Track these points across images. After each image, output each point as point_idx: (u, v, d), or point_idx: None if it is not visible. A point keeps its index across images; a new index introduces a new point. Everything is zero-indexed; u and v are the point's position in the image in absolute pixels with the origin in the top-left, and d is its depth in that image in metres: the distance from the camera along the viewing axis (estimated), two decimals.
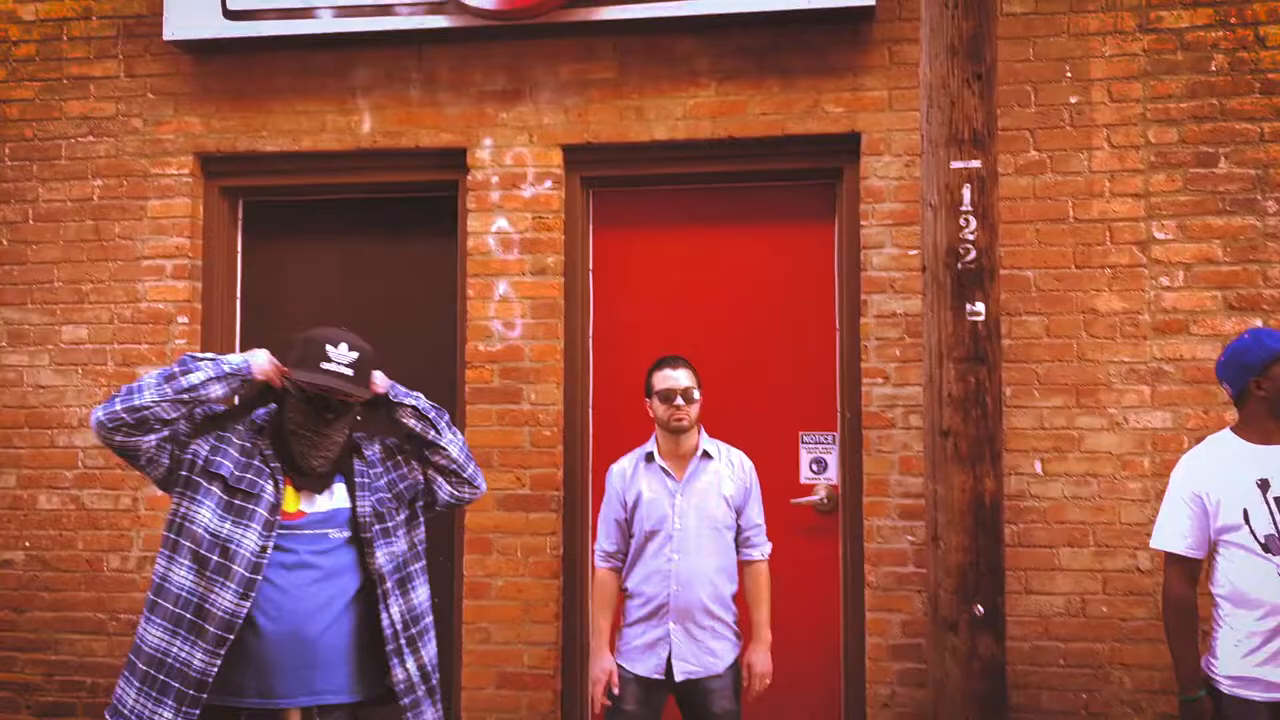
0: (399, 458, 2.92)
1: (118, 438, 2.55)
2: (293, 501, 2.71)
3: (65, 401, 4.60)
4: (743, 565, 3.64)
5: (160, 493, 4.36)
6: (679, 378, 3.53)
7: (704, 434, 3.64)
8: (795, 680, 4.09)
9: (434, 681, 2.82)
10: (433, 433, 2.87)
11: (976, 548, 3.37)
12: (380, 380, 2.83)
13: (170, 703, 2.52)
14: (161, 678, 2.54)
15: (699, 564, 3.52)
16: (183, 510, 2.64)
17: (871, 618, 4.12)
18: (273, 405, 2.83)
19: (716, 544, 3.56)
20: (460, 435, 2.96)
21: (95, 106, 4.65)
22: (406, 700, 2.74)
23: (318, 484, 2.74)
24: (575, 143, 4.38)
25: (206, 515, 2.61)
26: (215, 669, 2.54)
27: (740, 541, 3.63)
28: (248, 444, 2.74)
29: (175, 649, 2.55)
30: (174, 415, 2.58)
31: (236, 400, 2.85)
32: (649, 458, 3.62)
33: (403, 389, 2.88)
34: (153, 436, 2.58)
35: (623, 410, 4.43)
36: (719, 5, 4.18)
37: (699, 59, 4.32)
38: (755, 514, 3.65)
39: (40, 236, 4.66)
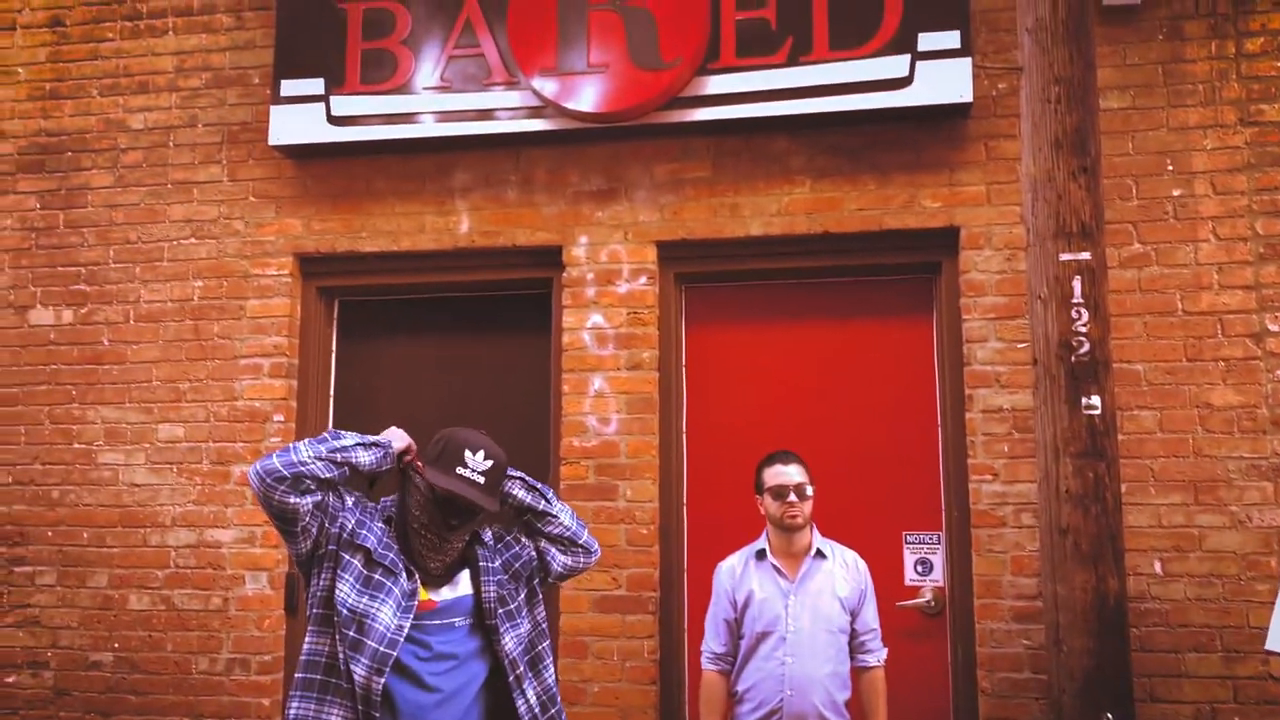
0: (509, 537, 2.89)
1: (276, 495, 2.54)
2: (424, 591, 2.68)
3: (159, 500, 4.62)
4: (857, 672, 3.52)
5: (252, 592, 4.38)
6: (792, 473, 3.47)
7: (816, 532, 3.55)
8: None
9: None
10: (543, 503, 2.86)
11: (1101, 651, 3.24)
12: None
13: None
14: None
15: (813, 668, 3.40)
16: (324, 583, 2.63)
17: None
18: (395, 495, 2.82)
19: (831, 648, 3.45)
20: (567, 504, 2.94)
21: (198, 210, 4.78)
22: None
23: (436, 581, 2.71)
24: (670, 239, 4.41)
25: (345, 589, 2.59)
26: None
27: (855, 646, 3.52)
28: (385, 527, 2.73)
29: (321, 713, 2.54)
30: (327, 475, 2.59)
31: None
32: (760, 555, 3.54)
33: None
34: (309, 499, 2.57)
35: (716, 508, 4.36)
36: (813, 105, 4.22)
37: (793, 157, 4.35)
38: (871, 617, 3.55)
39: (140, 336, 4.74)
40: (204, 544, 4.55)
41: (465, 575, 2.75)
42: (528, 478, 2.88)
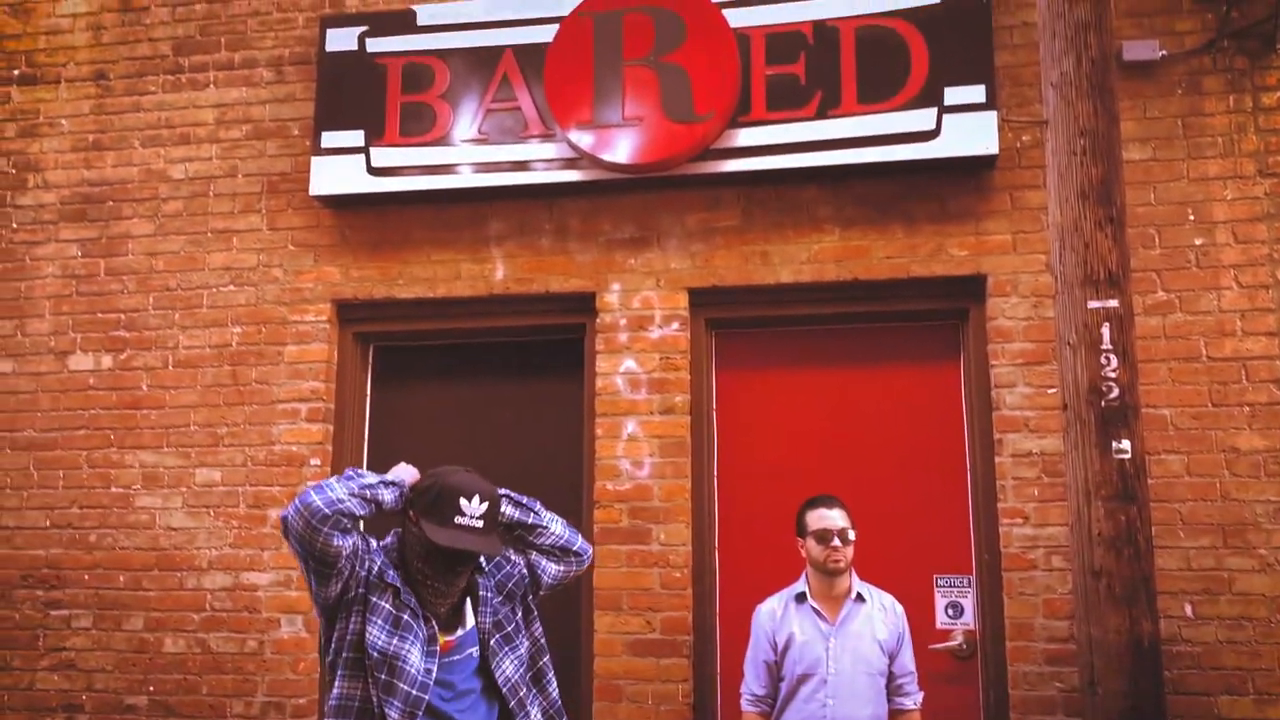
0: (500, 557, 2.89)
1: (321, 535, 2.54)
2: (440, 634, 2.72)
3: (196, 544, 4.67)
4: (895, 714, 3.56)
5: (287, 635, 4.42)
6: (835, 518, 3.53)
7: (855, 576, 3.61)
8: None
9: None
10: (533, 516, 2.88)
11: (1137, 693, 3.27)
12: None
13: None
14: None
15: (854, 710, 3.44)
16: (354, 627, 2.64)
17: None
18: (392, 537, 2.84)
19: (871, 690, 3.49)
20: (555, 514, 2.96)
21: (238, 257, 4.88)
22: None
23: (446, 623, 2.74)
24: (701, 286, 4.51)
25: (376, 631, 2.61)
26: None
27: (892, 689, 3.56)
28: (397, 571, 2.74)
29: None
30: (361, 513, 2.61)
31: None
32: (800, 598, 3.59)
33: None
34: (349, 540, 2.59)
35: (748, 551, 4.42)
36: (841, 157, 4.34)
37: (822, 206, 4.46)
38: (908, 660, 3.59)
39: (179, 382, 4.82)
40: (240, 587, 4.60)
41: (469, 605, 2.79)
42: (513, 494, 2.89)
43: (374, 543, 2.76)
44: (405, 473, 2.79)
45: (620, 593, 4.32)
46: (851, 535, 3.53)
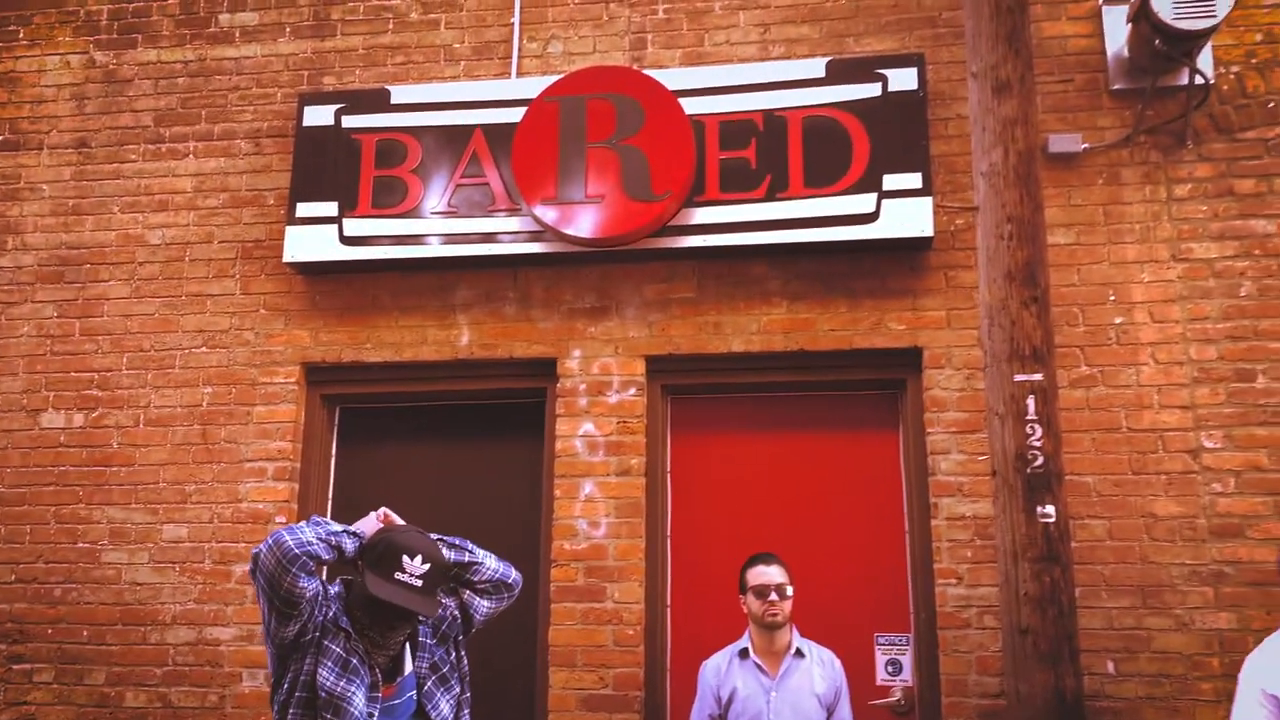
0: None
1: (289, 577, 2.68)
2: (381, 683, 2.86)
3: (160, 599, 4.77)
4: None
5: (248, 689, 4.52)
6: (773, 574, 3.74)
7: (796, 632, 3.80)
8: None
9: None
10: (467, 555, 3.02)
11: None
12: None
13: None
14: None
15: None
16: (308, 668, 2.77)
17: None
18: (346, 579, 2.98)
19: None
20: (488, 551, 3.10)
21: (211, 320, 5.06)
22: None
23: (386, 670, 2.88)
24: (657, 354, 4.75)
25: (326, 672, 2.75)
26: None
27: None
28: (348, 618, 2.89)
29: None
30: (326, 558, 2.76)
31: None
32: (743, 654, 3.78)
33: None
34: (314, 584, 2.74)
35: (699, 608, 4.59)
36: (788, 236, 4.63)
37: (771, 281, 4.74)
38: (845, 714, 3.77)
39: (149, 440, 4.96)
40: (203, 641, 4.70)
41: (408, 651, 2.94)
42: (445, 537, 3.03)
43: (331, 589, 2.90)
44: (368, 525, 2.95)
45: (575, 649, 4.48)
46: (789, 591, 3.73)
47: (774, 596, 3.72)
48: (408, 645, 2.95)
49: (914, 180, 4.57)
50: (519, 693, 4.63)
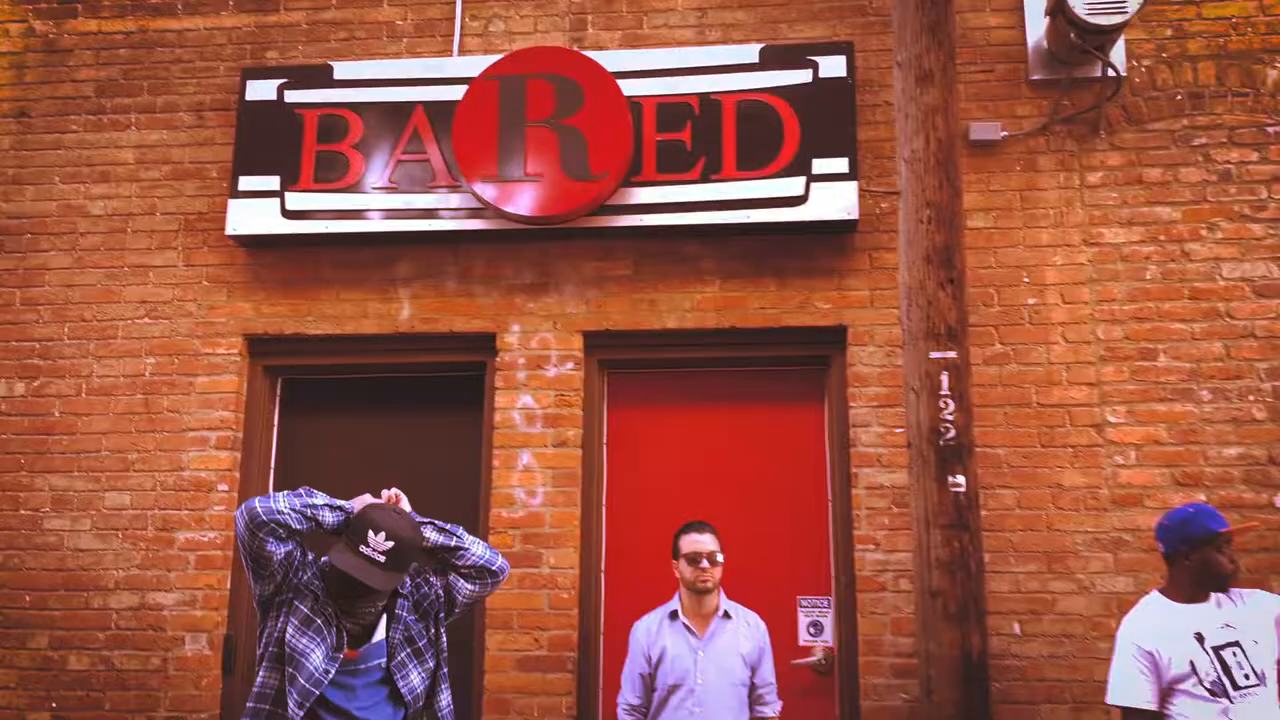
0: (419, 579, 3.22)
1: (257, 539, 2.91)
2: (349, 646, 3.03)
3: (103, 565, 4.85)
4: None
5: (191, 653, 4.63)
6: (705, 541, 3.93)
7: (723, 595, 4.00)
8: None
9: None
10: (454, 540, 3.20)
11: (966, 701, 3.67)
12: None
13: None
14: None
15: (719, 717, 3.81)
16: (280, 625, 2.98)
17: None
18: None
19: (734, 699, 3.87)
20: (477, 538, 3.28)
21: (153, 291, 5.12)
22: None
23: (356, 639, 3.05)
24: (594, 330, 4.90)
25: (291, 629, 2.95)
26: None
27: (754, 699, 3.94)
28: (324, 584, 3.07)
29: None
30: (298, 527, 2.95)
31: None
32: (673, 616, 3.97)
33: (414, 514, 3.20)
34: (283, 549, 2.94)
35: (632, 574, 4.78)
36: (722, 217, 4.79)
37: (704, 260, 4.91)
38: (768, 672, 3.98)
39: (91, 409, 5.02)
40: (146, 606, 4.80)
41: (384, 622, 3.11)
42: (437, 522, 3.22)
43: (310, 556, 3.09)
44: (361, 502, 3.12)
45: (511, 613, 4.65)
46: (719, 558, 3.93)
47: (705, 564, 3.90)
48: (385, 618, 3.09)
49: (841, 165, 4.75)
50: (457, 654, 4.76)
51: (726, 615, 3.99)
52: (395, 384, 5.16)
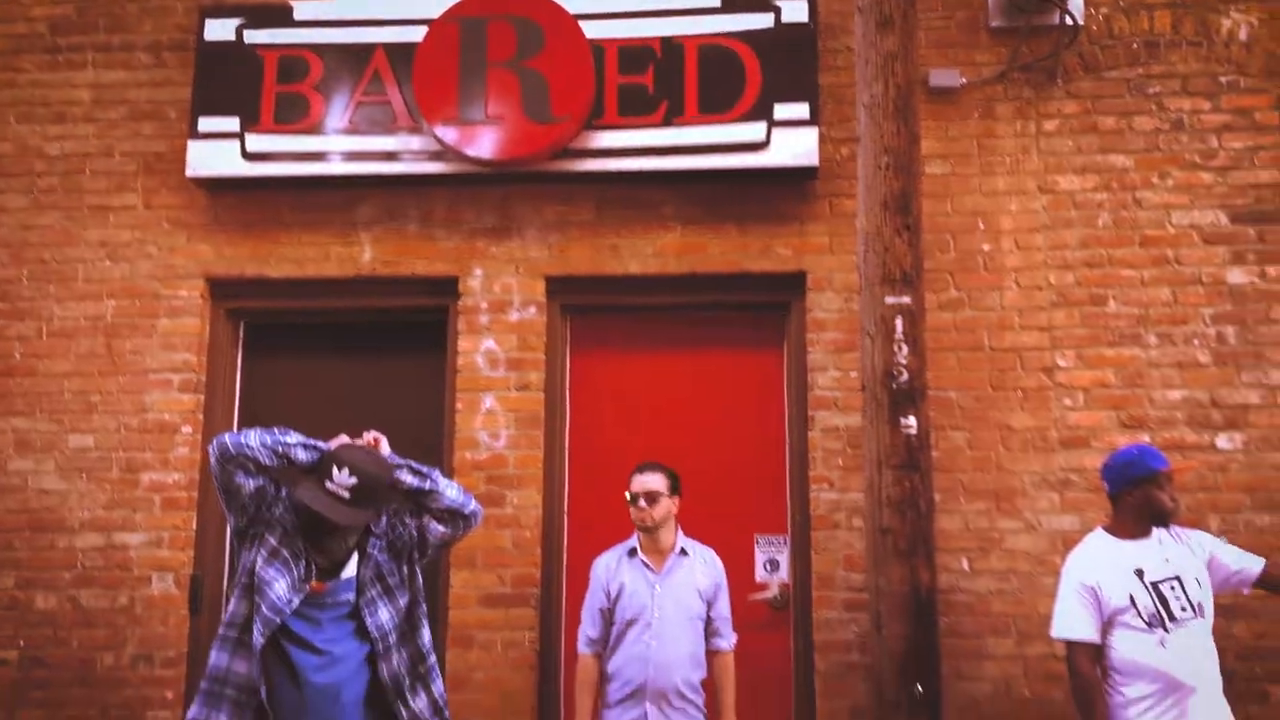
0: (394, 519, 3.27)
1: (227, 469, 2.99)
2: (316, 579, 3.09)
3: (68, 505, 4.89)
4: (711, 654, 4.05)
5: (158, 592, 4.70)
6: (645, 481, 4.02)
7: (681, 533, 4.10)
8: None
9: (446, 714, 3.19)
10: (429, 483, 3.24)
11: (915, 635, 3.81)
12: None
13: (226, 707, 2.97)
14: (217, 689, 2.98)
15: (674, 650, 3.93)
16: (252, 556, 3.06)
17: (821, 703, 4.55)
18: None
19: (690, 633, 3.99)
20: (451, 480, 3.33)
21: (113, 234, 5.09)
22: None
23: (326, 573, 3.12)
24: (557, 274, 4.94)
25: (259, 560, 3.03)
26: (257, 679, 2.93)
27: (709, 632, 4.05)
28: (295, 519, 3.14)
29: (231, 664, 2.99)
30: (268, 463, 3.02)
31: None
32: (632, 553, 4.07)
33: (392, 455, 3.25)
34: (252, 482, 3.01)
35: (594, 514, 4.88)
36: (683, 163, 4.82)
37: (667, 206, 4.95)
38: (724, 607, 4.09)
39: (52, 351, 5.01)
40: (112, 546, 4.84)
41: (355, 559, 3.17)
42: (413, 464, 3.25)
43: (285, 492, 3.15)
44: (337, 443, 3.17)
45: (475, 551, 4.74)
46: (658, 498, 3.99)
47: (643, 503, 4.00)
48: (357, 556, 3.15)
49: (802, 110, 4.78)
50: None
51: (684, 552, 4.09)
52: (359, 327, 5.18)
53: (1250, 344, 4.68)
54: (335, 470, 3.00)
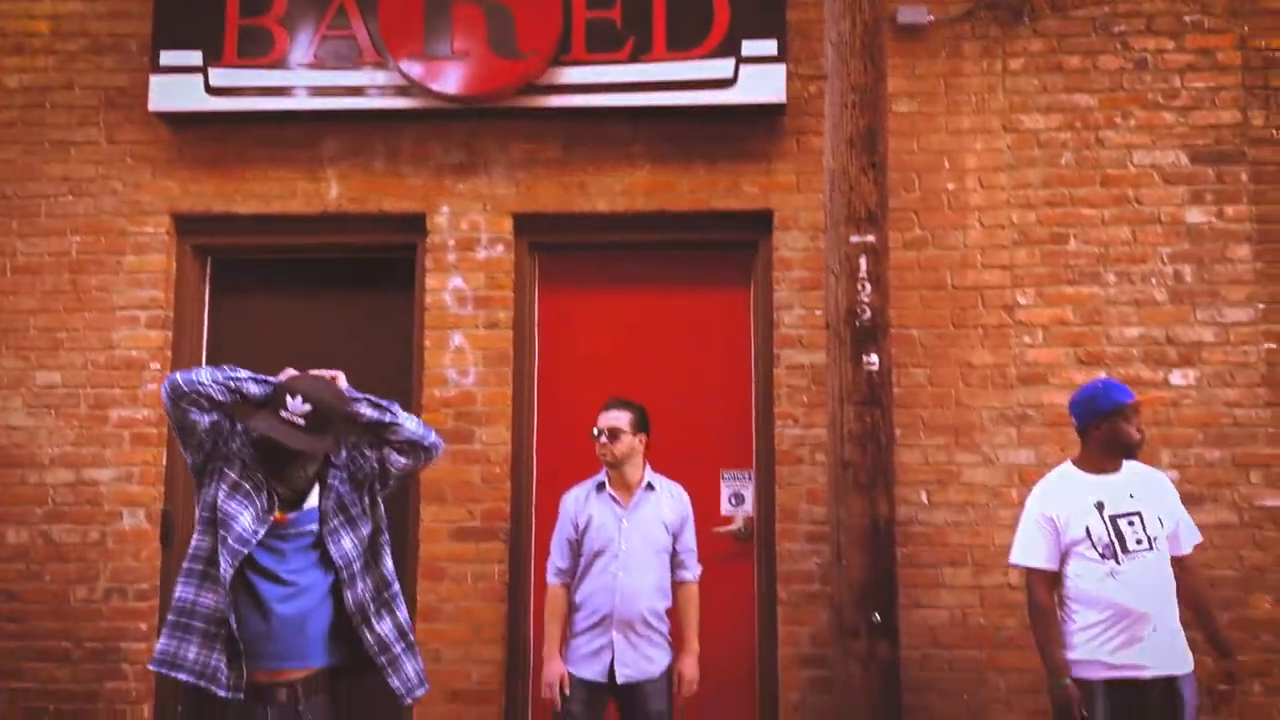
0: (354, 451, 3.31)
1: (180, 406, 3.02)
2: (279, 510, 3.12)
3: (37, 441, 4.90)
4: (676, 585, 4.15)
5: (129, 527, 4.74)
6: (607, 418, 4.09)
7: (649, 468, 4.18)
8: (718, 686, 4.59)
9: (411, 638, 3.24)
10: (390, 416, 3.27)
11: (874, 564, 3.94)
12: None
13: (195, 640, 3.00)
14: (185, 621, 3.02)
15: (640, 581, 4.03)
16: (212, 491, 3.09)
17: (783, 630, 4.69)
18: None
19: (655, 564, 4.08)
20: (411, 414, 3.35)
21: (75, 169, 5.04)
22: (382, 659, 3.16)
23: (288, 503, 3.15)
24: (524, 212, 4.95)
25: (220, 494, 3.06)
26: (225, 610, 2.97)
27: (675, 563, 4.15)
28: (254, 452, 3.16)
29: (198, 597, 3.03)
30: (221, 399, 3.05)
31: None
32: (600, 487, 4.15)
33: (351, 389, 3.26)
34: (206, 419, 3.04)
35: (562, 450, 4.95)
36: (652, 99, 4.82)
37: (635, 143, 4.95)
38: (689, 540, 4.19)
39: (17, 288, 4.98)
40: (82, 482, 4.87)
41: (316, 490, 3.21)
42: (372, 397, 3.28)
43: (239, 426, 3.17)
44: (286, 375, 3.17)
45: (444, 486, 4.81)
46: (619, 434, 4.06)
47: (605, 439, 4.07)
48: (318, 487, 3.19)
49: (770, 47, 4.78)
50: (393, 526, 4.92)
51: (650, 487, 4.17)
52: (327, 264, 5.18)
53: (1206, 283, 4.77)
54: (289, 399, 3.04)
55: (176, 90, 4.88)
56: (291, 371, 3.22)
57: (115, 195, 5.02)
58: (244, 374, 3.14)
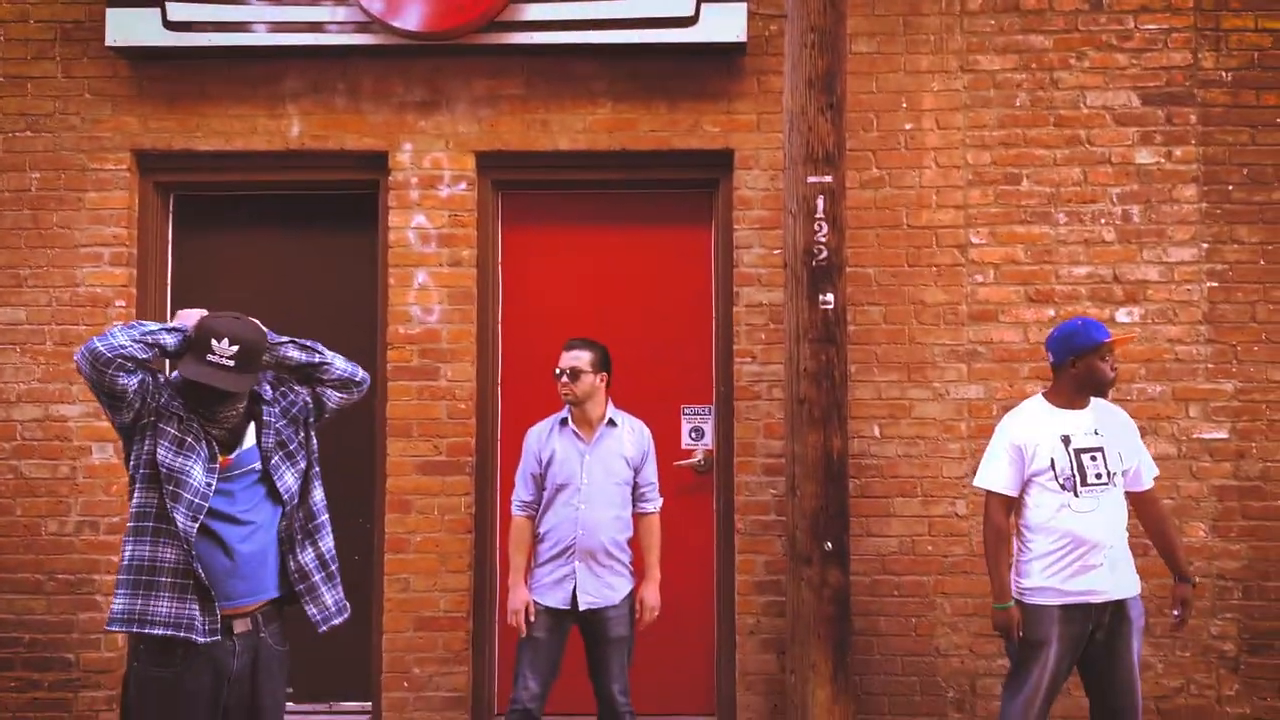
0: (284, 387, 3.35)
1: (108, 376, 2.96)
2: (221, 454, 3.16)
3: (3, 378, 4.93)
4: (637, 517, 4.29)
5: (99, 461, 4.80)
6: (568, 358, 4.17)
7: (611, 404, 4.29)
8: (678, 612, 4.78)
9: (333, 568, 3.32)
10: (317, 356, 3.32)
11: (826, 495, 4.09)
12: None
13: (164, 594, 3.02)
14: (148, 578, 3.02)
15: (601, 513, 4.16)
16: (148, 447, 3.07)
17: (740, 559, 4.87)
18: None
19: (617, 497, 4.21)
20: (336, 353, 3.39)
21: (33, 104, 4.99)
22: (301, 587, 3.23)
23: (226, 445, 3.18)
24: (487, 150, 4.98)
25: (164, 451, 3.05)
26: (190, 560, 3.02)
27: (636, 496, 4.28)
28: (183, 401, 3.16)
29: (157, 553, 3.03)
30: (143, 356, 3.01)
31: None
32: (563, 423, 4.26)
33: (274, 335, 3.27)
34: (134, 379, 3.01)
35: (527, 386, 5.05)
36: (613, 36, 4.83)
37: (597, 81, 4.97)
38: (650, 473, 4.32)
39: None
40: (50, 418, 4.92)
41: (252, 428, 3.25)
42: (297, 339, 3.30)
43: (161, 378, 3.16)
44: (189, 317, 3.17)
45: (410, 422, 4.91)
46: (582, 374, 4.15)
47: (565, 379, 4.17)
48: (254, 425, 3.24)
49: None
50: (360, 461, 5.06)
51: (612, 423, 4.28)
52: (290, 201, 5.19)
53: (1153, 223, 4.91)
54: (215, 342, 3.04)
55: (133, 25, 4.82)
56: (193, 313, 3.21)
57: (74, 131, 4.98)
58: (153, 325, 3.09)
